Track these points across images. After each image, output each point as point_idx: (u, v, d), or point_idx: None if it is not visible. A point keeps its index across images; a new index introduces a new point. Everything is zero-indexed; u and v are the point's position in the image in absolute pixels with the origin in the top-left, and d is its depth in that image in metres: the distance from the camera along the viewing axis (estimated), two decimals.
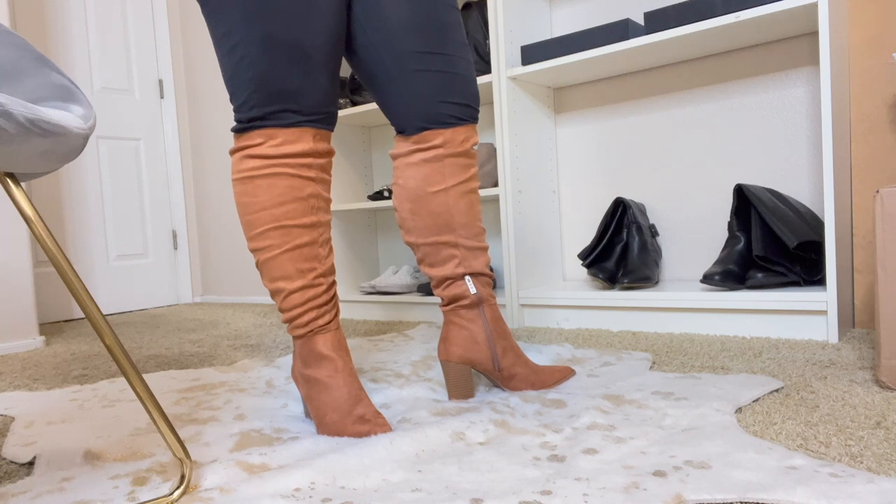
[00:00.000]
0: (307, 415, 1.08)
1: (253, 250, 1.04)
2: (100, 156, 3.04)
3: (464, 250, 1.14)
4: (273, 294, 1.04)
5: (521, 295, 1.90)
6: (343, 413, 0.98)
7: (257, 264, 1.04)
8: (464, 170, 1.13)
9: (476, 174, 1.16)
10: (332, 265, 1.07)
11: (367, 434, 0.96)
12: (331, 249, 1.07)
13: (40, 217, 0.74)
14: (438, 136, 1.10)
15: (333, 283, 1.07)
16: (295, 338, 1.05)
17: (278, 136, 1.00)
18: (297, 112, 1.00)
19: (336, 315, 1.06)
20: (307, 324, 1.03)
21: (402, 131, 1.13)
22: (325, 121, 1.03)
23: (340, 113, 2.30)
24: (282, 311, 1.04)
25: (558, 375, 1.20)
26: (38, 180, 2.83)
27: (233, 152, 1.03)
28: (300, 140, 1.01)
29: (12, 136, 0.62)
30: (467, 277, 1.14)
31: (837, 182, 1.43)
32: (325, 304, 1.04)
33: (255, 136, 1.00)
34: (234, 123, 1.02)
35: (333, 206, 2.35)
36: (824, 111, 1.39)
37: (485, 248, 1.17)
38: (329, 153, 1.06)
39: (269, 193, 1.00)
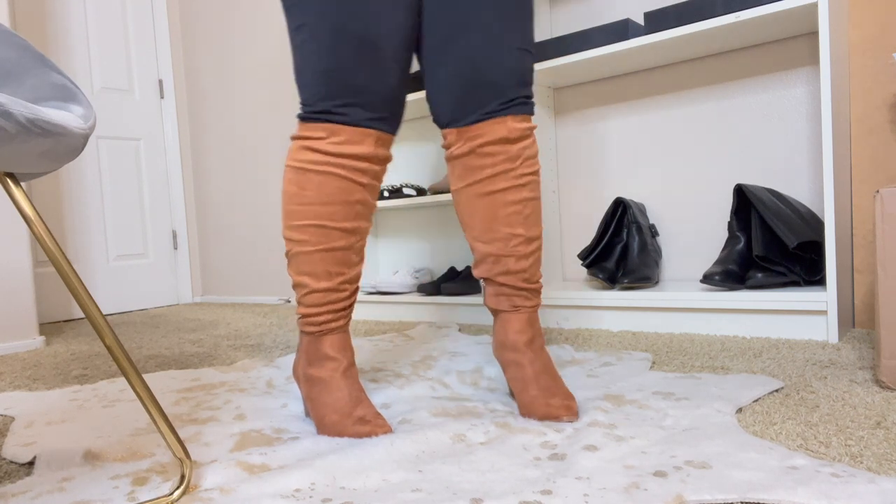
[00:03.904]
0: (307, 414, 1.08)
1: (287, 238, 1.05)
2: (100, 156, 3.04)
3: (477, 252, 1.12)
4: (295, 285, 1.05)
5: None
6: (343, 414, 0.98)
7: (288, 253, 1.06)
8: (472, 171, 1.08)
9: (498, 174, 1.06)
10: (359, 273, 1.08)
11: (367, 435, 0.95)
12: (362, 258, 1.08)
13: (40, 217, 0.74)
14: (448, 135, 1.11)
15: (356, 290, 1.08)
16: (304, 332, 1.06)
17: (342, 134, 1.00)
18: (362, 108, 1.00)
19: (349, 318, 1.07)
20: (321, 324, 1.04)
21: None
22: (388, 122, 1.04)
23: None
24: (299, 304, 1.06)
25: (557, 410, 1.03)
26: (38, 180, 2.83)
27: (293, 138, 1.04)
28: (362, 142, 1.01)
29: (12, 136, 0.62)
30: (481, 281, 1.15)
31: (837, 182, 1.43)
32: (343, 308, 1.05)
33: (318, 129, 1.01)
34: (300, 111, 1.04)
35: None
36: (824, 111, 1.39)
37: (499, 256, 1.08)
38: (386, 160, 1.06)
39: (318, 191, 1.01)
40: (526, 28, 1.05)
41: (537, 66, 1.83)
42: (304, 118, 1.02)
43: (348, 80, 0.98)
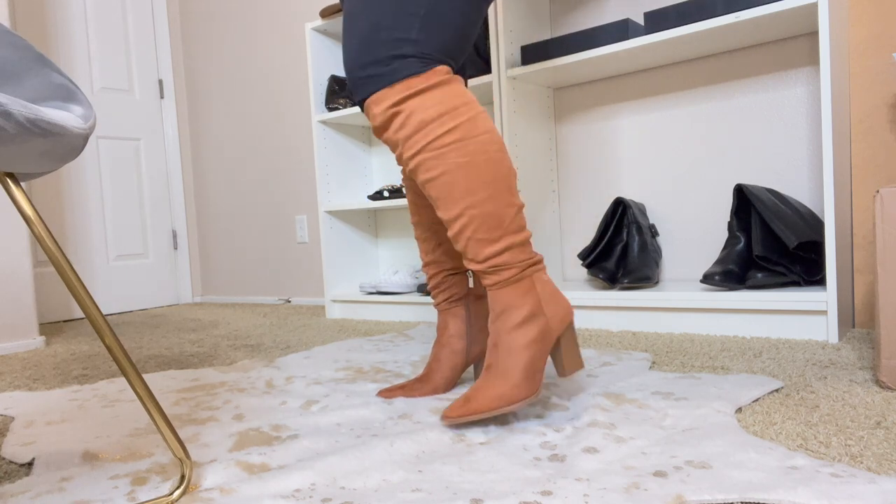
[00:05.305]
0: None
1: None
2: (100, 156, 3.04)
3: None
4: None
5: None
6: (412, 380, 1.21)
7: None
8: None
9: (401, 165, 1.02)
10: (440, 259, 1.20)
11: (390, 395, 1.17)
12: (437, 246, 1.20)
13: (40, 217, 0.74)
14: None
15: (441, 272, 1.20)
16: None
17: None
18: None
19: (443, 300, 1.20)
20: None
21: None
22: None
23: (340, 113, 2.29)
24: None
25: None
26: (38, 180, 2.83)
27: None
28: None
29: (12, 136, 0.62)
30: None
31: (837, 182, 1.43)
32: (435, 286, 1.21)
33: None
34: None
35: (332, 206, 2.35)
36: (824, 111, 1.39)
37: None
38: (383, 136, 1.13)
39: None
40: (373, 6, 0.96)
41: (537, 66, 1.83)
42: None
43: None
